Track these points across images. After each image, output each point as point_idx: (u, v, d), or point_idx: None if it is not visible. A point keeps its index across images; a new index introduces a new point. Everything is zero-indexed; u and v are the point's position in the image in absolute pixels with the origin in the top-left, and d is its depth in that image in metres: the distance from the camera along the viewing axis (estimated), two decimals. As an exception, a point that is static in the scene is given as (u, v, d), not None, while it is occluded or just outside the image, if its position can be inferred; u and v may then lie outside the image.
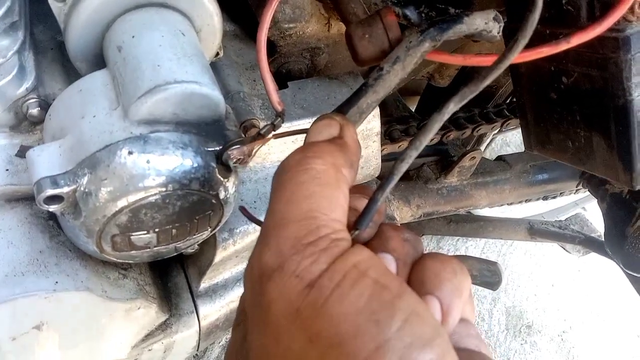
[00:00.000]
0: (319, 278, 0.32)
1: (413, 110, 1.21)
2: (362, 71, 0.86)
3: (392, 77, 0.51)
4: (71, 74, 0.67)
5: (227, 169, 0.58)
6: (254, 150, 0.58)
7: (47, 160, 0.53)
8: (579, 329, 1.97)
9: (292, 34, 0.78)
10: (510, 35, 0.66)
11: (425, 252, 0.44)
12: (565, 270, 2.10)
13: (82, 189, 0.52)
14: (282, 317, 0.32)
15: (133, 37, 0.55)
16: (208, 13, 0.62)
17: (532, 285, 2.03)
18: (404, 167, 0.51)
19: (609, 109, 0.63)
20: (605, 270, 2.01)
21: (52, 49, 0.69)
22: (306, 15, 0.77)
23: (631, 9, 0.55)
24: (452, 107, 0.56)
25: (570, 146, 0.71)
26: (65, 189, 0.52)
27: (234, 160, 0.57)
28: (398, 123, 0.95)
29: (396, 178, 0.53)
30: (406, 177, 1.06)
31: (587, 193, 1.81)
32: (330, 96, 0.80)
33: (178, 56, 0.55)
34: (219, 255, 0.70)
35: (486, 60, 0.53)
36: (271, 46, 0.80)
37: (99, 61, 0.60)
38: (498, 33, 0.58)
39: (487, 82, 0.55)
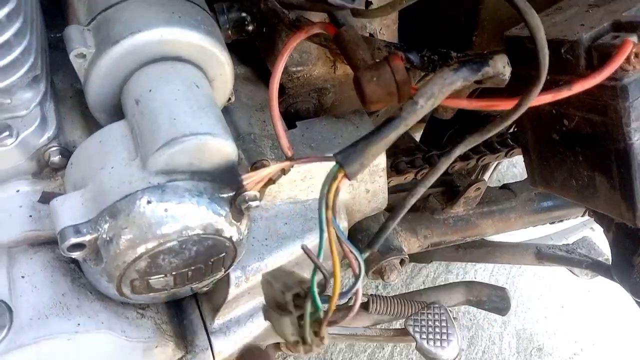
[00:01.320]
0: None
1: (418, 140, 1.23)
2: (367, 109, 0.89)
3: (423, 111, 0.52)
4: (90, 121, 0.70)
5: (239, 213, 0.60)
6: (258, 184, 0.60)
7: (69, 209, 0.56)
8: (590, 350, 1.96)
9: (299, 76, 0.81)
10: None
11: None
12: (575, 292, 2.10)
13: (103, 237, 0.54)
14: None
15: (150, 90, 0.58)
16: (220, 64, 0.65)
17: (542, 307, 2.03)
18: (413, 201, 0.54)
19: (610, 152, 0.65)
20: (615, 291, 2.01)
21: (72, 97, 0.72)
22: (313, 58, 0.80)
23: (627, 59, 0.57)
24: (458, 152, 0.59)
25: (574, 184, 0.73)
26: (87, 237, 0.54)
27: (246, 204, 0.59)
28: (404, 155, 0.98)
29: (406, 209, 0.56)
30: (413, 208, 1.08)
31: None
32: (337, 135, 0.83)
33: (193, 109, 0.58)
34: (232, 292, 0.72)
35: (496, 105, 0.56)
36: (280, 88, 0.83)
37: (118, 111, 0.63)
38: (508, 76, 0.60)
39: (492, 134, 0.57)
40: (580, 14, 0.68)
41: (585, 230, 2.05)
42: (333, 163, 0.49)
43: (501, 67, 0.58)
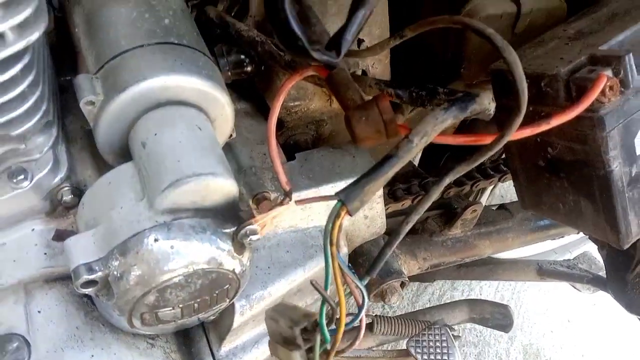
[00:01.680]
0: None
1: (417, 163, 1.27)
2: (358, 146, 0.93)
3: (417, 149, 0.55)
4: (99, 160, 0.74)
5: (241, 246, 0.64)
6: (265, 227, 0.64)
7: (82, 248, 0.60)
8: (598, 364, 1.97)
9: (297, 110, 0.85)
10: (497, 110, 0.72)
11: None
12: (580, 306, 2.11)
13: (114, 273, 0.58)
14: None
15: (155, 134, 0.62)
16: (221, 105, 0.69)
17: (547, 321, 2.04)
18: (407, 228, 0.58)
19: (592, 178, 0.68)
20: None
21: (81, 138, 0.76)
22: (309, 93, 0.84)
23: (603, 92, 0.61)
24: (447, 180, 0.62)
25: (562, 208, 0.76)
26: (99, 275, 0.58)
27: (248, 238, 0.63)
28: (401, 182, 1.01)
29: (401, 236, 0.59)
30: (412, 230, 1.11)
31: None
32: (335, 165, 0.87)
33: (196, 150, 0.62)
34: (237, 320, 0.76)
35: (479, 139, 0.59)
36: (279, 122, 0.87)
37: (125, 153, 0.67)
38: (493, 111, 0.64)
39: (477, 163, 0.61)
40: (559, 47, 0.72)
41: (588, 244, 2.07)
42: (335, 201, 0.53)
43: (487, 103, 0.62)
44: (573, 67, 0.65)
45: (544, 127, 0.59)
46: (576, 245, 2.06)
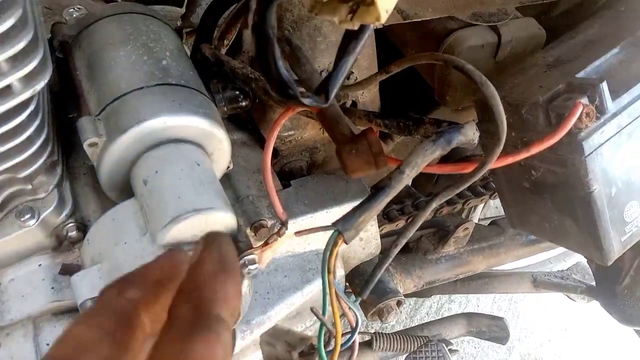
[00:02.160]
0: None
1: (410, 182, 1.30)
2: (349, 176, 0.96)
3: (408, 179, 0.59)
4: (101, 195, 0.76)
5: (241, 276, 0.67)
6: (263, 257, 0.67)
7: (88, 283, 0.62)
8: (596, 371, 2.00)
9: (291, 139, 0.88)
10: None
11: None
12: (577, 315, 2.14)
13: (120, 308, 0.61)
14: None
15: (156, 172, 0.65)
16: (218, 140, 0.72)
17: (545, 330, 2.07)
18: (395, 251, 0.61)
19: (574, 199, 0.72)
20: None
21: (85, 174, 0.79)
22: (302, 123, 0.87)
23: (580, 119, 0.64)
24: (434, 205, 0.66)
25: (547, 227, 0.80)
26: (106, 309, 0.61)
27: (247, 268, 0.66)
28: (394, 203, 1.05)
29: (390, 259, 0.62)
30: (406, 249, 1.15)
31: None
32: (329, 191, 0.90)
33: (195, 186, 0.65)
34: (239, 345, 0.78)
35: (463, 168, 0.63)
36: (274, 152, 0.90)
37: (128, 190, 0.70)
38: (477, 140, 0.68)
39: (462, 189, 0.64)
40: (539, 74, 0.75)
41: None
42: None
43: (471, 134, 0.65)
44: (551, 95, 0.69)
45: (523, 154, 0.62)
46: (571, 255, 2.09)
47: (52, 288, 0.71)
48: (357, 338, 0.60)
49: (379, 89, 0.93)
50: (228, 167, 0.80)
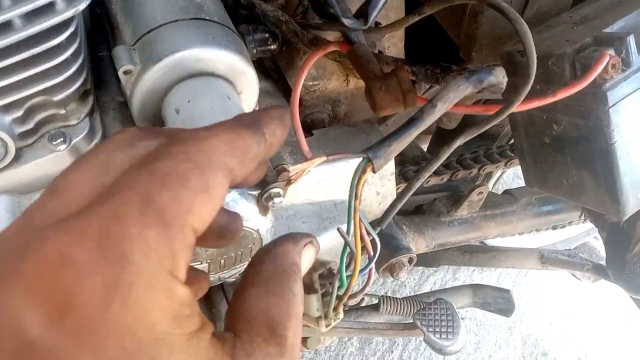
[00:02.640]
0: None
1: (425, 150, 1.32)
2: (376, 119, 0.97)
3: (439, 113, 0.60)
4: (130, 130, 0.78)
5: (265, 208, 0.69)
6: (286, 191, 0.69)
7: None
8: (595, 356, 2.01)
9: (315, 89, 0.90)
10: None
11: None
12: (579, 299, 2.16)
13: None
14: None
15: (189, 101, 0.67)
16: (247, 78, 0.74)
17: (547, 313, 2.09)
18: (417, 184, 0.62)
19: (594, 152, 0.73)
20: (620, 297, 2.07)
21: (113, 109, 0.81)
22: (327, 73, 0.89)
23: (605, 69, 0.66)
24: (457, 143, 0.67)
25: (565, 183, 0.81)
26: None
27: (271, 201, 0.68)
28: (411, 164, 1.06)
29: (411, 191, 0.64)
30: (420, 211, 1.16)
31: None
32: (350, 141, 0.91)
33: (226, 116, 0.66)
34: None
35: (490, 109, 0.64)
36: (299, 100, 0.91)
37: (158, 121, 0.72)
38: (504, 86, 0.69)
39: (487, 127, 0.65)
40: (566, 30, 0.76)
41: (589, 239, 2.11)
42: (357, 160, 0.57)
43: (501, 77, 0.67)
44: (578, 47, 0.70)
45: (550, 99, 0.63)
46: (577, 240, 2.10)
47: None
48: (374, 266, 0.61)
49: (404, 45, 0.94)
50: (254, 109, 0.82)
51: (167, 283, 0.24)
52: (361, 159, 0.57)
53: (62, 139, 0.71)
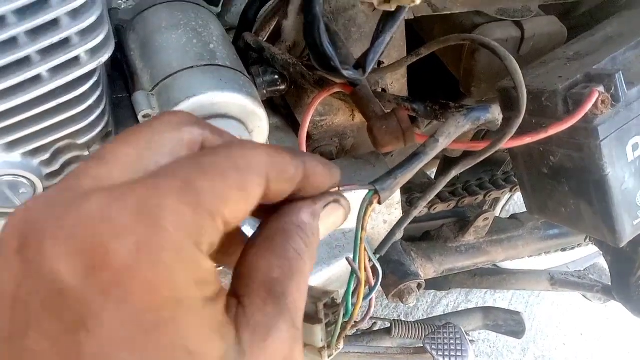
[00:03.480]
0: None
1: (433, 175, 1.35)
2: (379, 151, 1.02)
3: (441, 147, 0.63)
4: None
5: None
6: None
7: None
8: (611, 377, 2.01)
9: (323, 124, 0.94)
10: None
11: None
12: (593, 319, 2.15)
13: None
14: None
15: (203, 142, 0.72)
16: (258, 118, 0.78)
17: (560, 334, 2.09)
18: (415, 213, 0.66)
19: (589, 183, 0.76)
20: (634, 318, 2.07)
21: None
22: (334, 110, 0.93)
23: (595, 105, 0.69)
24: (453, 173, 0.71)
25: (564, 211, 0.84)
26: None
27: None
28: (417, 191, 1.10)
29: (409, 219, 0.67)
30: (427, 237, 1.19)
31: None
32: (357, 173, 0.95)
33: (238, 156, 0.71)
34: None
35: (480, 145, 0.68)
36: (307, 135, 0.96)
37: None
38: (500, 122, 0.73)
39: (481, 159, 0.69)
40: (559, 67, 0.80)
41: (600, 259, 2.11)
42: (365, 191, 0.61)
43: (497, 114, 0.71)
44: (570, 84, 0.73)
45: (542, 134, 0.67)
46: (589, 260, 2.11)
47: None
48: (374, 296, 0.64)
49: (406, 81, 0.99)
50: (264, 146, 0.87)
51: (193, 253, 0.26)
52: (368, 190, 0.61)
53: (85, 179, 0.76)
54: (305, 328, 0.60)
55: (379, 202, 0.60)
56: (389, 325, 1.25)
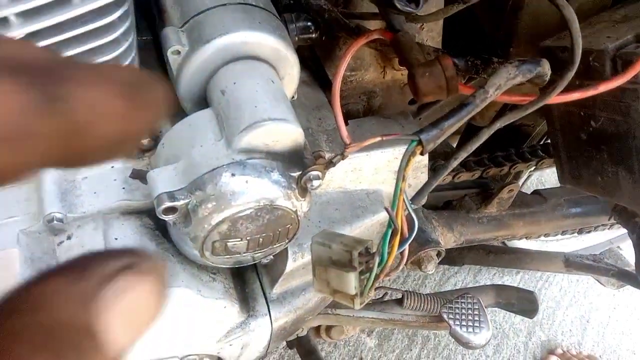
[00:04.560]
0: None
1: (454, 147, 1.32)
2: (411, 112, 0.98)
3: (491, 99, 0.60)
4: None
5: (304, 190, 0.70)
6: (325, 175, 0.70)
7: (165, 179, 0.66)
8: (615, 366, 2.00)
9: (352, 80, 0.91)
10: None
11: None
12: (601, 308, 2.14)
13: (193, 202, 0.65)
14: None
15: (234, 83, 0.69)
16: (290, 64, 0.75)
17: (567, 320, 2.07)
18: (455, 163, 0.63)
19: (632, 149, 0.73)
20: (641, 308, 2.06)
21: (163, 91, 0.83)
22: (365, 64, 0.90)
23: (647, 65, 0.66)
24: (497, 125, 0.67)
25: (600, 180, 0.81)
26: (180, 203, 0.64)
27: (310, 183, 0.69)
28: (441, 158, 1.07)
29: (448, 169, 0.64)
30: (449, 206, 1.17)
31: (622, 232, 1.86)
32: (384, 132, 0.92)
33: (270, 99, 0.68)
34: (290, 266, 0.82)
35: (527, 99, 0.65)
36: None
37: (202, 102, 0.74)
38: (548, 77, 0.69)
39: (531, 110, 0.65)
40: (607, 28, 0.77)
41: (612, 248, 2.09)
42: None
43: (547, 69, 0.67)
44: (620, 44, 0.70)
45: (591, 92, 0.64)
46: (601, 248, 2.08)
47: (123, 188, 0.75)
48: (407, 248, 0.62)
49: (441, 40, 0.95)
50: (293, 97, 0.84)
51: None
52: (410, 142, 0.59)
53: (109, 116, 0.73)
54: (338, 275, 0.58)
55: (422, 153, 0.58)
56: (400, 296, 1.23)
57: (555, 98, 0.63)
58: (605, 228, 1.51)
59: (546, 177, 2.40)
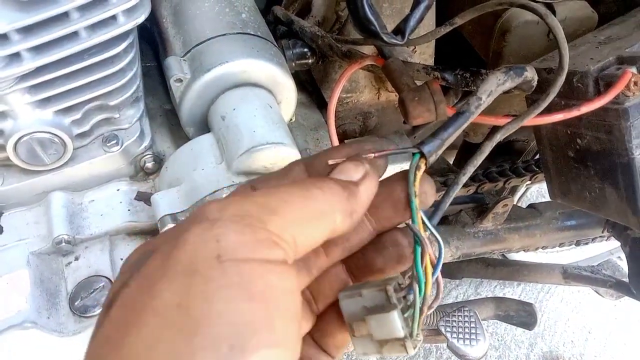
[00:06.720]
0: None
1: (451, 163, 1.35)
2: (405, 131, 1.02)
3: (484, 105, 0.62)
4: (176, 135, 0.84)
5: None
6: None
7: (168, 202, 0.70)
8: (617, 376, 2.01)
9: (348, 102, 0.95)
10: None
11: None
12: (602, 318, 2.15)
13: (195, 224, 0.68)
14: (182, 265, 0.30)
15: (234, 109, 0.72)
16: (287, 89, 0.79)
17: (569, 331, 2.08)
18: (464, 179, 0.64)
19: (616, 166, 0.76)
20: (643, 318, 2.07)
21: (160, 116, 0.86)
22: (360, 87, 0.93)
23: (627, 87, 0.69)
24: (498, 137, 0.69)
25: (588, 195, 0.84)
26: (183, 225, 0.67)
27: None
28: (438, 175, 1.10)
29: (459, 186, 0.65)
30: (445, 221, 1.19)
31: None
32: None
33: (268, 123, 0.71)
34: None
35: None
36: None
37: (204, 127, 0.77)
38: (535, 84, 0.71)
39: (526, 120, 0.67)
40: (590, 50, 0.80)
41: (612, 258, 2.11)
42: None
43: (534, 74, 0.69)
44: (602, 66, 0.73)
45: (574, 112, 0.67)
46: (600, 259, 2.10)
47: (129, 210, 0.78)
48: (440, 276, 0.54)
49: (433, 61, 0.99)
50: (291, 119, 0.87)
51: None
52: (412, 156, 0.60)
53: (115, 141, 0.77)
54: (379, 322, 0.46)
55: (426, 165, 0.59)
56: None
57: (540, 119, 0.66)
58: (604, 239, 1.53)
59: (546, 189, 2.42)
